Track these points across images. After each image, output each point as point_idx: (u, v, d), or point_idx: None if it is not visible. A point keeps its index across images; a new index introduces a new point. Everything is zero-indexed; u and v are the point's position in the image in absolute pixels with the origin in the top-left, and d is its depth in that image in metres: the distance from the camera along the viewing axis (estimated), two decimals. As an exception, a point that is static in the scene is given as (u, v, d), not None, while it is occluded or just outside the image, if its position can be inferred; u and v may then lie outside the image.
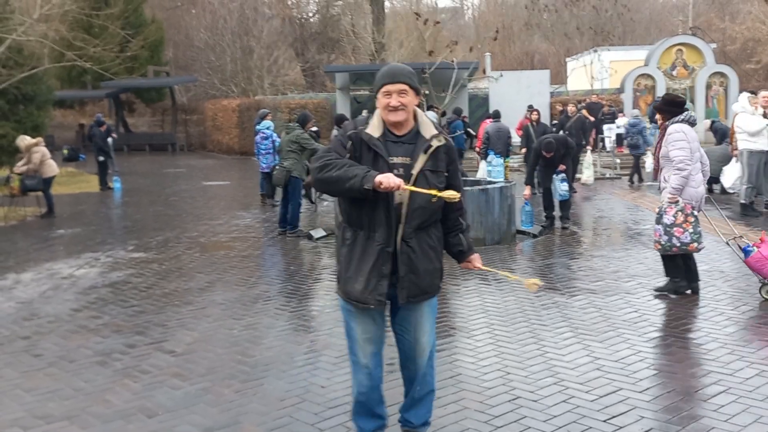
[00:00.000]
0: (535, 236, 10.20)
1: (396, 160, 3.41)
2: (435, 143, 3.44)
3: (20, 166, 13.51)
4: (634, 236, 9.82)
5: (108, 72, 20.53)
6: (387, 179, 3.22)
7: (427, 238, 3.51)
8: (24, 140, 13.60)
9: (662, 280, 6.95)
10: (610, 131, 21.41)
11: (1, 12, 18.02)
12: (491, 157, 14.87)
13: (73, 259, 9.26)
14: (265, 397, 4.50)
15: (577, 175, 14.67)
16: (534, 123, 14.52)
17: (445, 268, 3.66)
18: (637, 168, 16.27)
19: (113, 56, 20.61)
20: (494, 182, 10.40)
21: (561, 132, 14.06)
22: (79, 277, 8.21)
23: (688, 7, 44.24)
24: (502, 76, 17.05)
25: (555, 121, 23.74)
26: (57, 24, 22.05)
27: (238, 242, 10.24)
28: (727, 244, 6.97)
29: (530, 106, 15.94)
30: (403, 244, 3.43)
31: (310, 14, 43.48)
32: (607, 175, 18.10)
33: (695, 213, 6.52)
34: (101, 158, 18.06)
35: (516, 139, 17.35)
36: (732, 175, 12.48)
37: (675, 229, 6.46)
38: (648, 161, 16.96)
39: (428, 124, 3.50)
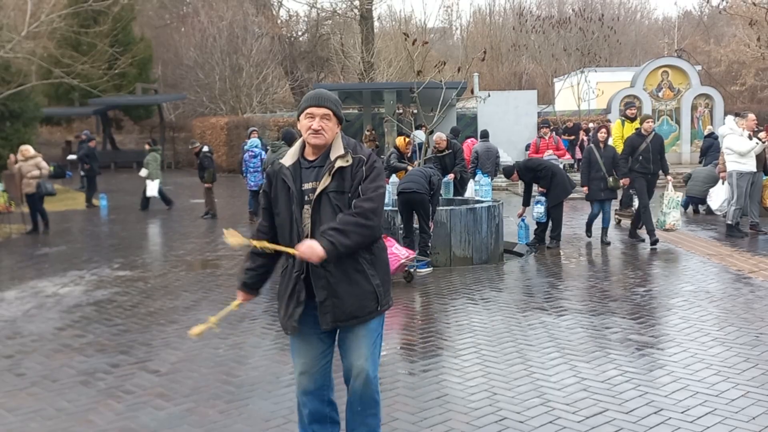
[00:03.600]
0: (521, 255, 10.24)
1: (307, 185, 3.42)
2: (339, 163, 3.39)
3: (34, 175, 13.49)
4: (620, 256, 9.85)
5: (96, 89, 20.49)
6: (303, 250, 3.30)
7: (352, 262, 3.41)
8: (29, 150, 13.62)
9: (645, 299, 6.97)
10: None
11: (-12, 29, 17.99)
12: (479, 176, 14.91)
13: (57, 277, 9.19)
14: (251, 417, 4.45)
15: (660, 219, 11.36)
16: (600, 145, 10.89)
17: (431, 288, 3.65)
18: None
19: (101, 73, 20.58)
20: (482, 201, 10.44)
21: (630, 157, 10.71)
22: (63, 295, 8.14)
23: (674, 29, 44.82)
24: (489, 95, 17.12)
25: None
26: (45, 41, 22.02)
27: (225, 260, 10.20)
28: None
29: (575, 125, 14.87)
30: (318, 269, 3.38)
31: (300, 33, 43.71)
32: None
33: None
34: (82, 173, 18.11)
35: (504, 158, 17.42)
36: (719, 197, 12.59)
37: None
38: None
39: (339, 145, 3.44)
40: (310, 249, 3.28)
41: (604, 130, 11.29)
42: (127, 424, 4.39)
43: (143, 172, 17.02)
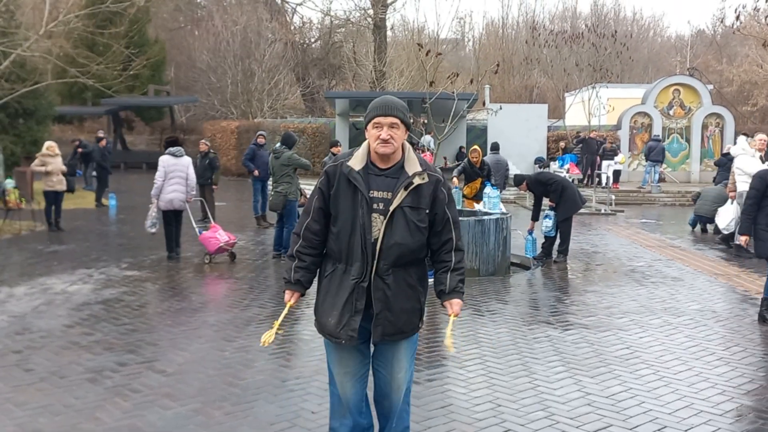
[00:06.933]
0: (528, 269, 10.26)
1: (376, 194, 3.36)
2: (417, 180, 3.36)
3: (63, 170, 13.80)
4: (627, 273, 9.86)
5: (109, 89, 20.62)
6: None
7: (407, 276, 3.42)
8: (56, 147, 13.77)
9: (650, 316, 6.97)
10: (608, 168, 21.58)
11: (6, 27, 18.14)
12: (488, 188, 14.94)
13: (66, 275, 9.25)
14: (256, 420, 4.49)
15: None
16: None
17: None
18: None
19: (116, 74, 20.72)
20: (490, 213, 10.46)
21: None
22: (72, 293, 8.20)
23: (687, 48, 44.82)
24: (501, 108, 17.17)
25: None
26: (61, 41, 22.18)
27: (233, 263, 10.25)
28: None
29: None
30: (378, 279, 3.36)
31: (313, 40, 43.88)
32: (602, 211, 18.20)
33: (160, 210, 10.33)
34: (94, 173, 18.23)
35: (513, 172, 17.42)
36: (727, 216, 12.57)
37: (151, 218, 10.39)
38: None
39: (414, 160, 3.42)
40: (461, 306, 3.52)
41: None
42: (134, 422, 4.43)
43: None
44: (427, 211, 3.40)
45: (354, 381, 3.52)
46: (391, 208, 3.33)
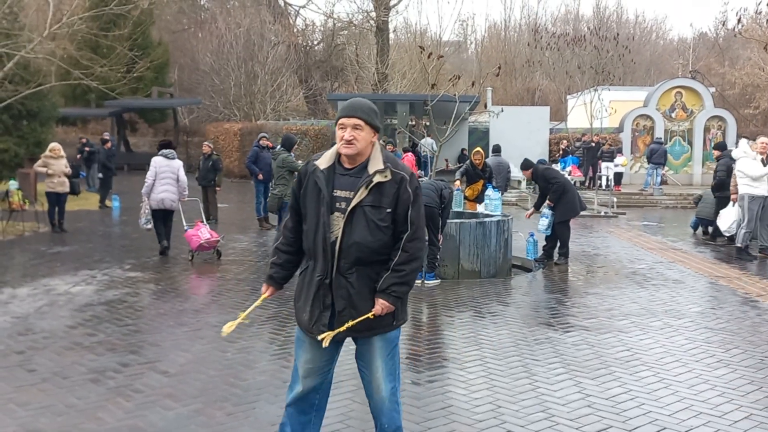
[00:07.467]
0: (529, 270, 10.28)
1: (339, 193, 3.43)
2: (377, 178, 3.38)
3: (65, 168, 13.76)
4: (628, 275, 9.87)
5: (113, 91, 20.66)
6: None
7: (373, 275, 3.43)
8: (60, 149, 13.78)
9: (650, 318, 6.99)
10: (608, 170, 21.59)
11: (10, 29, 18.20)
12: (490, 190, 14.96)
13: (69, 276, 9.29)
14: (257, 421, 4.51)
15: None
16: None
17: (439, 300, 3.67)
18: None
19: (119, 76, 20.76)
20: (491, 216, 10.48)
21: None
22: (75, 294, 8.24)
23: (689, 50, 44.81)
24: (503, 110, 17.16)
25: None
26: (65, 42, 22.22)
27: (235, 265, 10.28)
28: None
29: None
30: (340, 278, 3.41)
31: (316, 42, 43.95)
32: (603, 213, 18.21)
33: (151, 207, 10.81)
34: (100, 175, 18.27)
35: (515, 174, 17.46)
36: (728, 219, 12.59)
37: (144, 215, 10.94)
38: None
39: (378, 158, 3.44)
40: (387, 308, 3.42)
41: None
42: (136, 422, 4.46)
43: None
44: (389, 210, 3.40)
45: (314, 374, 3.57)
46: (349, 207, 3.38)
